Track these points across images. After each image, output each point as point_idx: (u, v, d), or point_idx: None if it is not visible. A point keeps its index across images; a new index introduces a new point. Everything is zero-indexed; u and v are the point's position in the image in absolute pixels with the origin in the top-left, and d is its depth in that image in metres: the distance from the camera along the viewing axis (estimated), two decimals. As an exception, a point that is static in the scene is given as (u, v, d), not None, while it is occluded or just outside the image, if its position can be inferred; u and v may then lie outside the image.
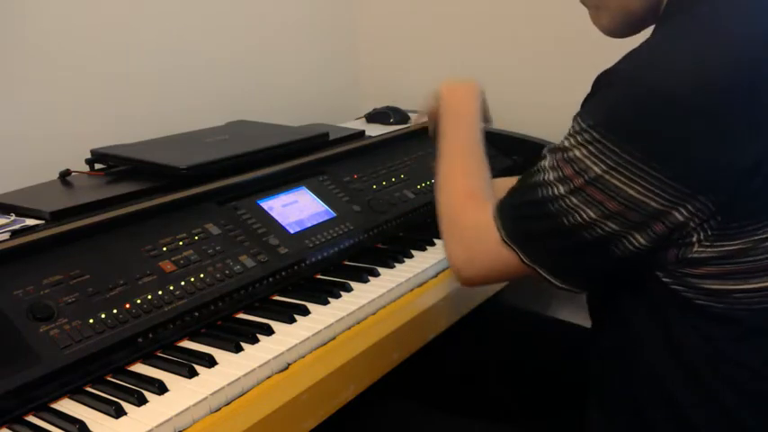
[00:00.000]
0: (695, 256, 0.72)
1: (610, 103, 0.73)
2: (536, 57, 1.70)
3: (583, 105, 0.78)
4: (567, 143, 0.76)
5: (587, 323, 0.91)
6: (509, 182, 0.86)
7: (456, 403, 1.03)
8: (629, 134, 0.70)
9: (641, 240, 0.73)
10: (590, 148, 0.73)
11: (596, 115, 0.73)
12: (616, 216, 0.72)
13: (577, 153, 0.73)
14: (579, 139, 0.74)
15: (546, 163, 0.78)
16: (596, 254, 0.75)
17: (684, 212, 0.70)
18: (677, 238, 0.72)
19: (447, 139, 1.00)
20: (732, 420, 0.75)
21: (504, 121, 1.74)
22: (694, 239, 0.72)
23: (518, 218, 0.80)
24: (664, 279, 0.75)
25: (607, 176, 0.71)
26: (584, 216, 0.73)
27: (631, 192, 0.70)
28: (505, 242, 0.80)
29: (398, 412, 1.04)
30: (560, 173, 0.75)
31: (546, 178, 0.76)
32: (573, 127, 0.76)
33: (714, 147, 0.68)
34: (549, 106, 1.68)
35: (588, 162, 0.72)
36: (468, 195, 0.90)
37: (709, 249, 0.72)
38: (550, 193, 0.75)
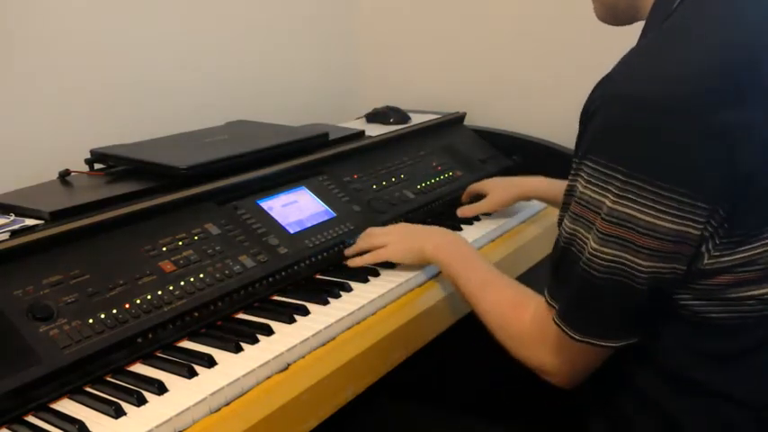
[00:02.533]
0: (706, 267, 0.70)
1: (599, 128, 0.72)
2: (536, 57, 1.70)
3: (576, 146, 0.77)
4: (574, 188, 0.75)
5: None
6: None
7: (456, 403, 1.03)
8: (621, 150, 0.69)
9: (683, 267, 0.71)
10: (593, 180, 0.71)
11: (591, 145, 0.72)
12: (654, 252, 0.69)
13: (587, 191, 0.72)
14: (583, 176, 0.73)
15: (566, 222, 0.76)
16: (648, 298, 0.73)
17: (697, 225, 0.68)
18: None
19: (466, 278, 1.00)
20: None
21: (505, 122, 1.75)
22: (703, 250, 0.70)
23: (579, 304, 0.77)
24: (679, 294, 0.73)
25: (618, 207, 0.69)
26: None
27: (649, 219, 0.68)
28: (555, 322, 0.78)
29: (398, 412, 1.04)
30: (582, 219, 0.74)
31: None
32: (573, 168, 0.75)
33: (711, 150, 0.66)
34: (549, 107, 1.69)
35: (597, 196, 0.71)
36: (513, 306, 0.90)
37: (721, 259, 0.70)
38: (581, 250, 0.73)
